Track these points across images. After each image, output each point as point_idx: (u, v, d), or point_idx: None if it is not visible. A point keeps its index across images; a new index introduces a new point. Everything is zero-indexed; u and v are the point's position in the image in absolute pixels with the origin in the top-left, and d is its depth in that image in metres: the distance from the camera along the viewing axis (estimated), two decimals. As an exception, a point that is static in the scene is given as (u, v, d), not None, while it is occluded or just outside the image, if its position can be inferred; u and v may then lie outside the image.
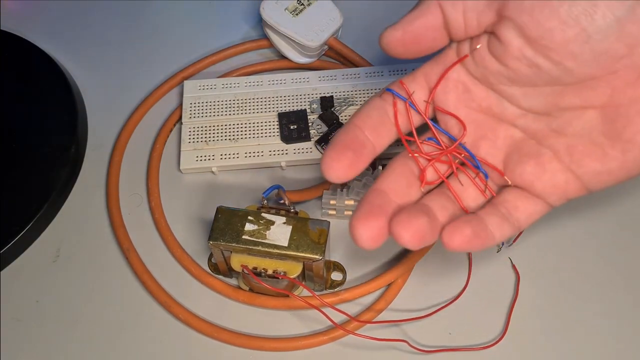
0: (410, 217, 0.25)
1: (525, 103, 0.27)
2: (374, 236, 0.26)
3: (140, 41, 0.46)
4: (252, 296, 0.35)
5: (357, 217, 0.26)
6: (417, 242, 0.25)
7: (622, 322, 0.34)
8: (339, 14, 0.43)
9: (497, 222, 0.27)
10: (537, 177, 0.27)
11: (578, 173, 0.26)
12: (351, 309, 0.35)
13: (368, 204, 0.26)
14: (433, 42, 0.27)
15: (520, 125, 0.28)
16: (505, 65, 0.26)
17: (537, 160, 0.27)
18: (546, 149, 0.27)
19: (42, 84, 0.43)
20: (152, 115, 0.43)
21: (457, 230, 0.25)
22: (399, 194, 0.27)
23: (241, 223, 0.32)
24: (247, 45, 0.45)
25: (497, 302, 0.35)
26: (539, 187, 0.27)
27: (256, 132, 0.40)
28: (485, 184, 0.28)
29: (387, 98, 0.28)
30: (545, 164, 0.27)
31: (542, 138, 0.27)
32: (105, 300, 0.36)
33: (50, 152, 0.40)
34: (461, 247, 0.25)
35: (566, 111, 0.26)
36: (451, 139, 0.28)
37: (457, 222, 0.26)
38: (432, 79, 0.28)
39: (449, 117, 0.28)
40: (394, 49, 0.27)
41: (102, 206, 0.39)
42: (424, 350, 0.34)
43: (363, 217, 0.26)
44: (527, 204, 0.27)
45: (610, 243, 0.37)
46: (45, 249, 0.38)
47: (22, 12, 0.48)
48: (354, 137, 0.27)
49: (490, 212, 0.27)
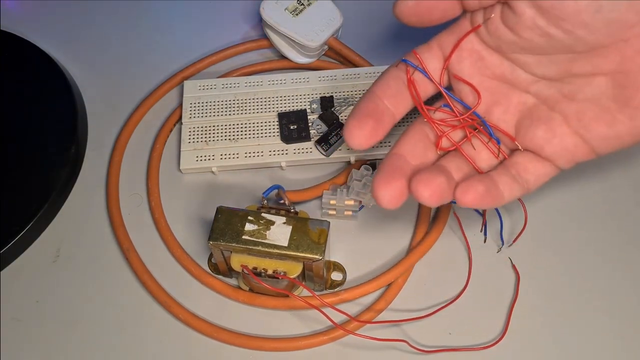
0: (430, 176, 0.27)
1: (537, 70, 0.28)
2: (395, 196, 0.27)
3: (140, 41, 0.46)
4: (252, 296, 0.35)
5: (378, 179, 0.27)
6: (437, 200, 0.27)
7: (623, 321, 0.34)
8: (339, 14, 0.43)
9: (508, 182, 0.28)
10: (547, 141, 0.28)
11: (587, 137, 0.27)
12: (351, 309, 0.35)
13: (388, 166, 0.28)
14: (446, 12, 0.28)
15: (532, 92, 0.28)
16: (518, 35, 0.26)
17: (548, 125, 0.28)
18: (557, 114, 0.28)
19: (42, 84, 0.43)
20: (152, 115, 0.43)
21: (471, 187, 0.27)
22: (416, 157, 0.29)
23: (241, 223, 0.32)
24: (247, 45, 0.45)
25: (497, 302, 0.35)
26: (548, 150, 0.28)
27: (256, 132, 0.40)
28: (498, 148, 0.29)
29: (403, 67, 0.29)
30: (556, 128, 0.28)
31: (553, 103, 0.28)
32: (105, 300, 0.36)
33: (50, 152, 0.40)
34: (473, 204, 0.27)
35: (577, 77, 0.27)
36: (465, 107, 0.29)
37: (471, 180, 0.27)
38: (446, 48, 0.29)
39: (463, 85, 0.29)
40: (407, 17, 0.27)
41: (102, 206, 0.39)
42: (424, 350, 0.34)
43: (384, 178, 0.27)
44: (537, 166, 0.28)
45: (610, 243, 0.37)
46: (45, 249, 0.38)
47: (22, 12, 0.48)
48: (375, 106, 0.28)
49: (501, 172, 0.28)
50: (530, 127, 0.28)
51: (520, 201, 0.37)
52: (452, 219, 0.38)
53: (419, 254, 0.36)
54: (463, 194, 0.26)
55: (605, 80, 0.26)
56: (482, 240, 0.37)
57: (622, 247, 0.37)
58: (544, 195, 0.38)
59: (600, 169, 0.39)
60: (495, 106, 0.29)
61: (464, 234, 0.37)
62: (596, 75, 0.26)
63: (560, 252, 0.37)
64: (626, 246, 0.37)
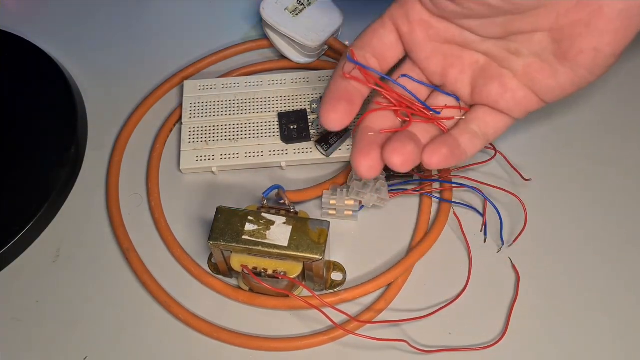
0: (400, 145, 0.29)
1: (483, 31, 0.30)
2: (373, 165, 0.30)
3: (140, 41, 0.46)
4: (252, 296, 0.35)
5: (356, 152, 0.30)
6: (408, 166, 0.29)
7: (622, 321, 0.34)
8: (339, 14, 0.43)
9: (469, 138, 0.31)
10: (500, 96, 0.30)
11: (534, 89, 0.30)
12: (351, 309, 0.35)
13: (362, 139, 0.30)
14: None
15: (482, 51, 0.31)
16: (460, 6, 0.28)
17: (500, 81, 0.30)
18: (506, 70, 0.30)
19: (42, 84, 0.43)
20: (152, 115, 0.43)
21: (436, 151, 0.30)
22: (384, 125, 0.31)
23: (241, 223, 0.32)
24: (247, 45, 0.45)
25: (497, 302, 0.35)
26: (503, 104, 0.31)
27: (256, 132, 0.40)
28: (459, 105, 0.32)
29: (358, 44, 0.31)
30: (507, 83, 0.30)
31: (502, 60, 0.30)
32: (105, 300, 0.36)
33: (50, 152, 0.40)
34: (439, 165, 0.30)
35: (519, 35, 0.29)
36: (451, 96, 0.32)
37: (435, 144, 0.30)
38: (398, 21, 0.31)
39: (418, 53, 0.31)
40: None
41: (102, 206, 0.39)
42: (424, 350, 0.34)
43: (361, 151, 0.30)
44: (495, 119, 0.31)
45: (610, 243, 0.37)
46: (45, 249, 0.38)
47: (22, 12, 0.48)
48: (344, 89, 0.31)
49: (463, 130, 0.31)
50: (485, 85, 0.31)
51: (520, 201, 0.37)
52: (452, 219, 0.38)
53: (419, 254, 0.36)
54: (429, 157, 0.30)
55: (544, 36, 0.28)
56: (482, 240, 0.37)
57: (622, 247, 0.37)
58: (544, 195, 0.38)
59: (601, 169, 0.39)
60: (451, 68, 0.31)
61: (464, 234, 0.37)
62: (536, 31, 0.29)
63: (560, 252, 0.37)
64: (625, 246, 0.37)
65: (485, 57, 0.31)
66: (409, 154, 0.29)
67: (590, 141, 0.41)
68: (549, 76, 0.29)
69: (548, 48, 0.29)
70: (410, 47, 0.31)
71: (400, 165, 0.29)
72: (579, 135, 0.41)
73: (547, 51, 0.29)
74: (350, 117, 0.30)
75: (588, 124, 0.41)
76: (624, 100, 0.42)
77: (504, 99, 0.30)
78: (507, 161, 0.39)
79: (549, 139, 0.41)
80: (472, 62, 0.31)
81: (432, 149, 0.30)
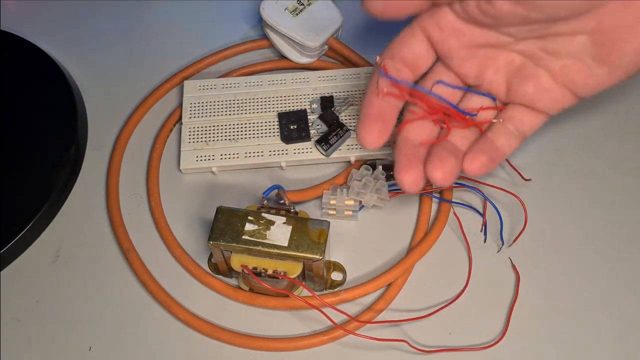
0: (440, 161, 0.30)
1: (519, 34, 0.29)
2: (415, 180, 0.30)
3: (140, 41, 0.46)
4: (252, 296, 0.35)
5: (398, 168, 0.30)
6: (450, 179, 0.30)
7: (623, 322, 0.34)
8: (339, 14, 0.43)
9: (506, 138, 0.31)
10: (538, 96, 0.30)
11: (572, 88, 0.29)
12: (351, 309, 0.35)
13: (404, 155, 0.31)
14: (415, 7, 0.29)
15: (517, 50, 0.30)
16: (497, 20, 0.28)
17: (536, 81, 0.30)
18: (542, 70, 0.30)
19: (42, 84, 0.43)
20: (152, 115, 0.43)
21: (475, 158, 0.30)
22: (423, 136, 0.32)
23: (241, 223, 0.32)
24: (247, 45, 0.45)
25: (497, 302, 0.35)
26: (540, 104, 0.30)
27: (256, 132, 0.40)
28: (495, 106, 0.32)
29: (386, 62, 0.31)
30: (544, 83, 0.30)
31: (538, 59, 0.29)
32: (105, 300, 0.36)
33: (50, 152, 0.40)
34: (480, 172, 0.30)
35: (559, 36, 0.28)
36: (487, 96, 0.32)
37: (474, 152, 0.30)
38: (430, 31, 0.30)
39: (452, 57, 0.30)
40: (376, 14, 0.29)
41: (102, 206, 0.39)
42: (424, 350, 0.34)
43: (403, 167, 0.30)
44: (530, 117, 0.31)
45: (610, 243, 0.37)
46: (45, 249, 0.38)
47: (22, 12, 0.48)
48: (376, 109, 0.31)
49: (499, 131, 0.31)
50: (520, 84, 0.30)
51: (520, 201, 0.37)
52: (452, 219, 0.38)
53: (419, 254, 0.36)
54: (470, 165, 0.30)
55: (585, 39, 0.28)
56: (482, 240, 0.37)
57: (622, 247, 0.37)
58: (544, 195, 0.38)
59: (601, 169, 0.39)
60: (486, 69, 0.31)
61: (464, 234, 0.37)
62: (576, 34, 0.28)
63: (560, 252, 0.37)
64: (625, 246, 0.37)
65: (521, 56, 0.30)
66: (450, 169, 0.30)
67: (590, 141, 0.41)
68: (587, 76, 0.28)
69: (588, 51, 0.28)
70: (443, 54, 0.31)
71: (442, 180, 0.30)
72: (579, 135, 0.41)
73: (586, 53, 0.28)
74: (387, 135, 0.31)
75: (588, 124, 0.41)
76: (624, 101, 0.42)
77: (541, 98, 0.30)
78: (507, 161, 0.39)
79: (549, 139, 0.41)
80: (507, 62, 0.30)
81: (471, 157, 0.30)
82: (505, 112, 0.31)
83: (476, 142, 0.31)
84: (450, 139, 0.31)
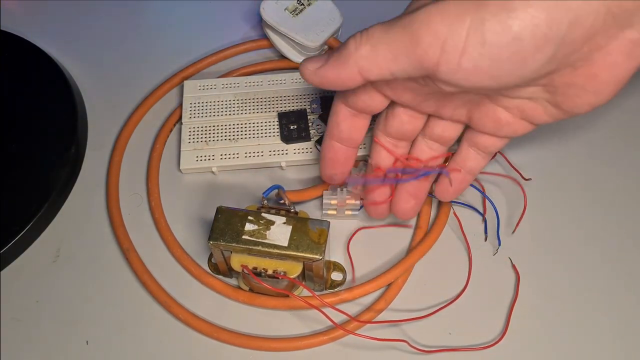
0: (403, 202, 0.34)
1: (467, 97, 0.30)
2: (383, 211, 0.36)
3: (140, 41, 0.46)
4: (252, 296, 0.35)
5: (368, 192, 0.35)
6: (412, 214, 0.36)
7: (623, 322, 0.34)
8: (339, 14, 0.43)
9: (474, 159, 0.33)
10: (498, 129, 0.31)
11: (531, 121, 0.30)
12: (351, 309, 0.35)
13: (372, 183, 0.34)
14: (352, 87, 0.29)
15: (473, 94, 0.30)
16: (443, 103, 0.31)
17: (495, 116, 0.30)
18: (500, 108, 0.30)
19: (42, 84, 0.43)
20: (152, 115, 0.43)
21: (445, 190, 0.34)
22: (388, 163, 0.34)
23: (241, 223, 0.32)
24: (247, 45, 0.45)
25: (497, 302, 0.35)
26: (502, 134, 0.31)
27: (256, 132, 0.40)
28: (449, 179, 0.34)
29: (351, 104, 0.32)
30: (502, 119, 0.30)
31: (494, 98, 0.30)
32: (105, 300, 0.36)
33: (50, 152, 0.40)
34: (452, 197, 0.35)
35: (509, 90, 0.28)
36: None
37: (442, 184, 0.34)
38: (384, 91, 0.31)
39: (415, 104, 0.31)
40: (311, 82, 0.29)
41: (102, 206, 0.39)
42: (424, 350, 0.34)
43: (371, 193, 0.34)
44: (495, 141, 0.32)
45: (610, 243, 0.37)
46: (45, 249, 0.38)
47: (22, 12, 0.48)
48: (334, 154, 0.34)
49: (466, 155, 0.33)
50: (480, 119, 0.31)
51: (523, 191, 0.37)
52: (452, 219, 0.38)
53: (419, 254, 0.36)
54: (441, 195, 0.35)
55: (539, 88, 0.28)
56: (482, 240, 0.37)
57: (622, 247, 0.37)
58: (544, 195, 0.38)
59: (600, 169, 0.39)
60: (444, 109, 0.31)
61: (464, 234, 0.37)
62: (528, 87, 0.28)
63: (560, 252, 0.37)
64: (625, 246, 0.37)
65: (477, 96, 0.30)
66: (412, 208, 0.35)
67: (590, 141, 0.41)
68: (543, 114, 0.29)
69: (541, 95, 0.28)
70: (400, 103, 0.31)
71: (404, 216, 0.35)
72: (579, 135, 0.41)
73: (540, 97, 0.28)
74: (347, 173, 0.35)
75: (588, 124, 0.41)
76: (624, 101, 0.42)
77: (502, 130, 0.31)
78: (507, 161, 0.39)
79: (549, 139, 0.41)
80: (465, 101, 0.30)
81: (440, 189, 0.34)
82: (472, 135, 0.32)
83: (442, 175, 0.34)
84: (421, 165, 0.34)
